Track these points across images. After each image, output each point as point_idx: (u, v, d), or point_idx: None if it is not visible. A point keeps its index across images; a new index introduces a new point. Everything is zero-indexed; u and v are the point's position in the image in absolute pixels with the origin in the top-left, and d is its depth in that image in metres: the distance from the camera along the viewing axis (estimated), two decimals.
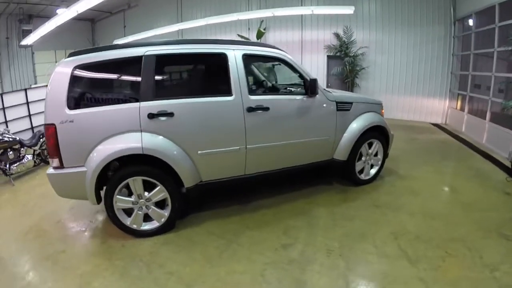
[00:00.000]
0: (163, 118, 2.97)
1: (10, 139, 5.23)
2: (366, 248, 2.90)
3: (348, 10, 7.98)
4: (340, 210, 3.69)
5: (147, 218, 3.18)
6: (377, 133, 4.28)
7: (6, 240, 3.28)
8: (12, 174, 5.12)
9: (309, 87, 3.61)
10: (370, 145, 4.26)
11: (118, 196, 3.02)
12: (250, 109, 3.26)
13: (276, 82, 5.61)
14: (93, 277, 2.59)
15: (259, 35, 10.83)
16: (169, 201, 3.12)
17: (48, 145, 2.91)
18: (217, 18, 10.44)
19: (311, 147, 3.84)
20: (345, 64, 9.32)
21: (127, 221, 3.12)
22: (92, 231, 3.41)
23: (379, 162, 4.43)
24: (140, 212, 3.11)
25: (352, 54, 9.24)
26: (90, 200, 3.00)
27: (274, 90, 4.48)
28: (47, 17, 11.79)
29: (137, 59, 3.00)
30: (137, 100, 2.96)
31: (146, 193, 3.06)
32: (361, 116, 4.13)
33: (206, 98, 3.18)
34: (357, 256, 2.81)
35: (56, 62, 12.42)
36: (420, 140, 6.81)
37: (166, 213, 3.16)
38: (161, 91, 3.11)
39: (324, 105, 3.82)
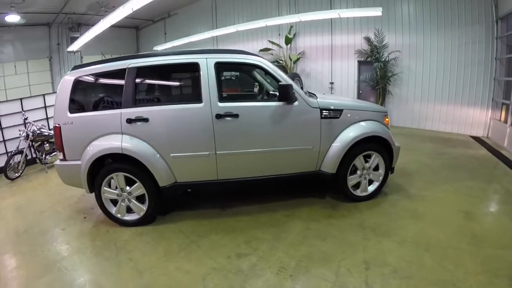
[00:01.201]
0: (139, 123, 3.38)
1: (47, 134, 6.50)
2: (324, 275, 2.61)
3: (376, 12, 7.46)
4: (318, 227, 3.43)
5: (130, 210, 3.64)
6: (377, 144, 3.87)
7: (26, 215, 4.28)
8: (47, 163, 6.39)
9: (280, 93, 3.45)
10: (368, 157, 3.87)
11: (105, 188, 3.53)
12: (219, 116, 3.39)
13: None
14: (75, 251, 3.26)
15: (287, 41, 10.63)
16: (146, 197, 3.52)
17: (55, 141, 3.61)
18: (246, 25, 10.49)
19: (290, 157, 3.66)
20: (375, 69, 8.71)
21: (113, 210, 3.63)
22: (90, 216, 4.03)
23: (380, 178, 3.99)
24: (123, 204, 3.59)
25: (383, 59, 8.62)
26: (85, 189, 3.57)
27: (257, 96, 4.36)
28: (93, 25, 12.89)
29: (123, 71, 3.46)
30: (120, 107, 3.43)
31: (128, 188, 3.52)
32: (355, 124, 3.77)
33: (178, 105, 3.49)
34: (308, 281, 2.57)
35: None
36: (449, 154, 6.06)
37: (144, 207, 3.57)
38: (139, 99, 3.56)
39: (305, 112, 3.59)
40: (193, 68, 3.48)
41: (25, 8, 11.51)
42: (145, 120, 3.37)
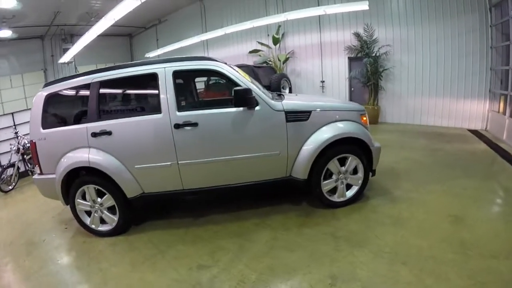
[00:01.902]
0: (103, 136, 3.39)
1: None
2: None
3: (363, 5, 7.14)
4: (287, 237, 3.16)
5: (104, 220, 3.68)
6: (353, 146, 3.56)
7: (14, 226, 4.44)
8: None
9: (234, 99, 3.23)
10: (344, 160, 3.55)
11: (78, 200, 3.59)
12: (177, 126, 3.30)
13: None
14: (50, 261, 3.36)
15: (275, 41, 10.35)
16: (116, 208, 3.54)
17: (32, 156, 3.75)
18: (233, 27, 10.27)
19: (257, 164, 3.44)
20: (365, 65, 8.36)
21: (87, 221, 3.68)
22: (70, 227, 4.08)
23: (359, 182, 3.66)
24: (96, 215, 3.64)
25: (374, 54, 8.27)
26: (60, 201, 3.65)
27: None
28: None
29: (87, 86, 3.52)
30: (86, 121, 3.47)
31: (99, 199, 3.57)
32: (326, 126, 3.49)
33: (139, 117, 3.43)
34: None
35: None
36: (444, 150, 5.68)
37: (116, 218, 3.58)
38: (103, 113, 3.51)
39: (269, 116, 3.36)
40: (152, 78, 3.41)
41: (16, 23, 11.48)
42: (109, 133, 3.38)
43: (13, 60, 13.83)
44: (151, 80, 3.46)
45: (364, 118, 3.78)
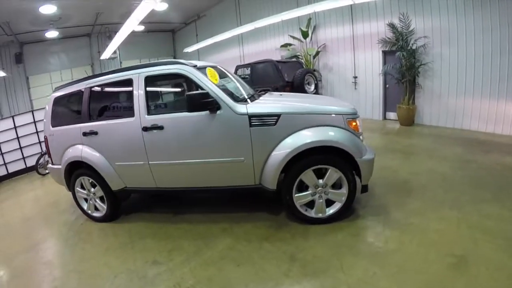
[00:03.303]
0: (92, 136, 3.87)
1: None
2: None
3: None
4: (244, 248, 3.05)
5: (97, 208, 4.22)
6: (335, 156, 3.17)
7: (39, 204, 5.56)
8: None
9: (186, 103, 3.21)
10: (324, 172, 3.19)
11: (77, 188, 4.21)
12: (145, 129, 3.52)
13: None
14: (53, 237, 4.18)
15: (304, 35, 9.78)
16: (105, 198, 4.03)
17: (46, 149, 4.46)
18: (263, 21, 9.93)
19: (223, 169, 3.37)
20: (399, 59, 7.48)
21: (85, 207, 4.27)
22: (77, 210, 4.51)
23: (343, 198, 3.24)
24: (91, 202, 4.20)
25: (409, 47, 7.35)
26: (66, 188, 4.36)
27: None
28: (37, 41, 14.03)
29: (81, 91, 4.03)
30: (80, 122, 3.99)
31: (92, 189, 4.10)
32: (299, 132, 3.15)
33: (118, 119, 3.77)
34: None
35: None
36: (478, 163, 4.80)
37: (105, 207, 4.08)
38: (91, 115, 3.98)
39: (231, 120, 3.20)
40: (129, 84, 3.68)
41: (62, 24, 12.35)
42: (95, 133, 3.85)
43: (63, 57, 15.21)
44: (128, 85, 3.70)
45: (354, 124, 3.29)
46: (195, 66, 3.54)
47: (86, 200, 4.25)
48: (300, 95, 5.02)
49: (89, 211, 4.25)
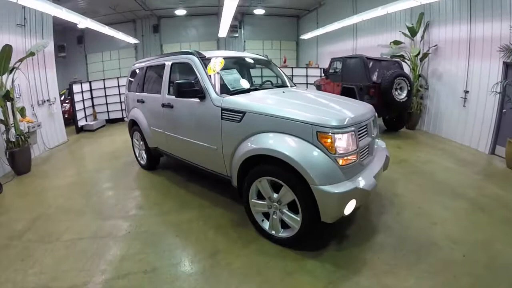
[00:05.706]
0: (141, 103, 5.24)
1: None
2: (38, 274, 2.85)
3: None
4: (198, 225, 3.65)
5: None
6: (288, 173, 2.71)
7: (96, 156, 7.25)
8: None
9: (173, 89, 3.93)
10: (278, 186, 2.91)
11: (134, 139, 6.01)
12: (163, 105, 4.48)
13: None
14: (111, 173, 5.83)
15: (412, 32, 8.37)
16: (145, 152, 5.57)
17: (125, 104, 6.32)
18: (365, 14, 9.17)
19: (204, 153, 3.81)
20: None
21: (137, 154, 6.05)
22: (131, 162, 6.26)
23: (297, 226, 2.83)
24: (138, 153, 5.97)
25: None
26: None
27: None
28: (171, 16, 16.75)
29: (143, 68, 5.45)
30: (138, 91, 5.47)
31: (141, 142, 5.59)
32: (259, 135, 2.97)
33: (155, 94, 4.79)
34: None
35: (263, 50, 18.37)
36: None
37: (145, 158, 5.66)
38: (142, 87, 5.36)
39: (209, 110, 3.51)
40: (163, 68, 4.63)
41: (191, 3, 14.25)
42: (142, 101, 5.20)
43: (193, 31, 18.11)
44: (162, 69, 4.64)
45: (329, 140, 2.58)
46: (203, 57, 3.93)
47: (138, 148, 5.83)
48: (316, 93, 4.18)
49: (139, 159, 5.92)
